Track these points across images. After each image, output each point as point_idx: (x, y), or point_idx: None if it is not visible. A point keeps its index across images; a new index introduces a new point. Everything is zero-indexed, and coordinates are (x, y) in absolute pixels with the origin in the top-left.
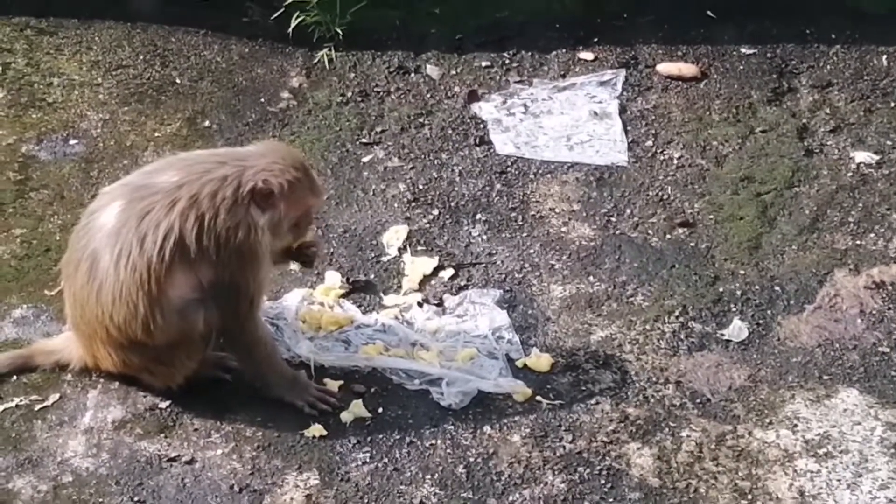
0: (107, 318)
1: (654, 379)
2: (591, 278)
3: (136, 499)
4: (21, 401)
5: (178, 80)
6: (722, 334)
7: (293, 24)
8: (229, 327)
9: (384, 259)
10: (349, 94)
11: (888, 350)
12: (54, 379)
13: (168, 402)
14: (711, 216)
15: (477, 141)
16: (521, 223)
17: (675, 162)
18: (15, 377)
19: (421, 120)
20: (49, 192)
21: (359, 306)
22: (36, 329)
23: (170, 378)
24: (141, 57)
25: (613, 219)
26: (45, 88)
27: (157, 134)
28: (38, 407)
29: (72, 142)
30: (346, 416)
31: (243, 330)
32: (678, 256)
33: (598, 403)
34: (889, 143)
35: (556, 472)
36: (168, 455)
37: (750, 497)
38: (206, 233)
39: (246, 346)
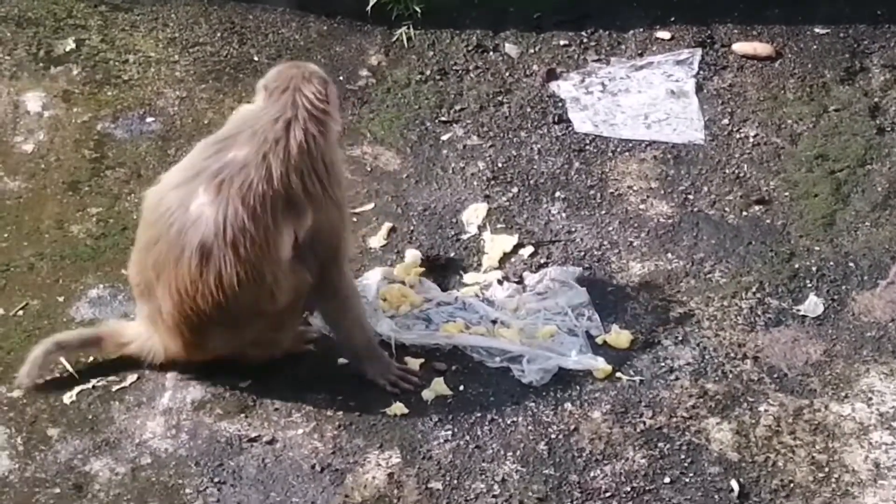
0: (231, 302)
1: (732, 354)
2: (669, 255)
3: (216, 480)
4: (98, 382)
5: (255, 58)
6: (798, 310)
7: (372, 2)
8: (328, 278)
9: (464, 237)
10: (428, 73)
11: None
12: (132, 359)
13: (248, 382)
14: (787, 193)
15: (555, 119)
16: (599, 201)
17: (751, 140)
18: (91, 357)
19: (500, 98)
20: (125, 171)
21: (439, 284)
22: (113, 309)
23: (277, 345)
24: (218, 34)
25: (691, 196)
26: (120, 66)
27: (234, 111)
28: (115, 388)
29: (148, 119)
30: (427, 394)
31: (340, 280)
32: (754, 233)
33: (677, 379)
34: None
35: (636, 448)
36: (248, 435)
37: (827, 470)
38: (306, 175)
39: (340, 303)
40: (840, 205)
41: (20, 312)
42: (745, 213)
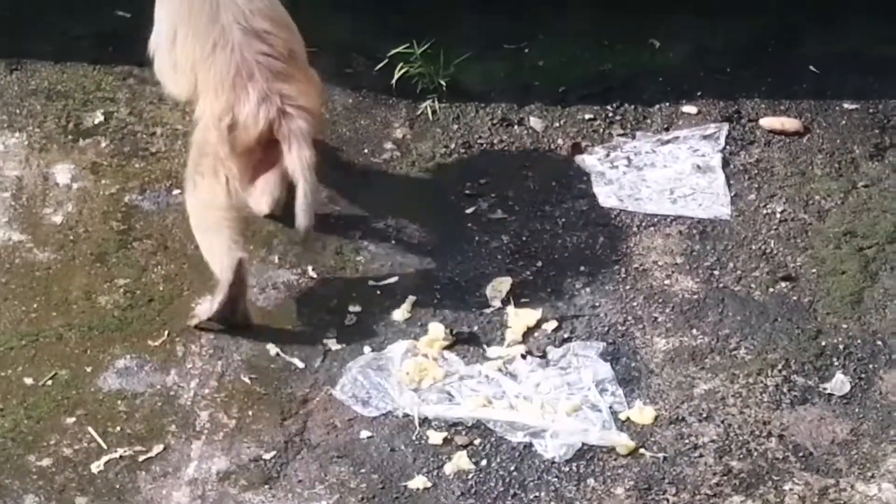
0: None
1: (758, 432)
2: (694, 331)
3: None
4: (125, 451)
5: None
6: (824, 388)
7: (397, 76)
8: None
9: (487, 311)
10: (452, 146)
11: None
12: (158, 429)
13: (272, 454)
14: (814, 270)
15: (580, 193)
16: (624, 276)
17: (778, 216)
18: (119, 427)
19: (524, 172)
20: (152, 243)
21: (462, 358)
22: (140, 379)
23: None
24: None
25: (716, 272)
26: (148, 138)
27: None
28: (142, 458)
29: (175, 192)
30: (449, 469)
31: None
32: (781, 310)
33: (701, 456)
34: None
35: None
36: None
37: None
38: None
39: None
40: (868, 282)
41: (49, 382)
42: (771, 290)
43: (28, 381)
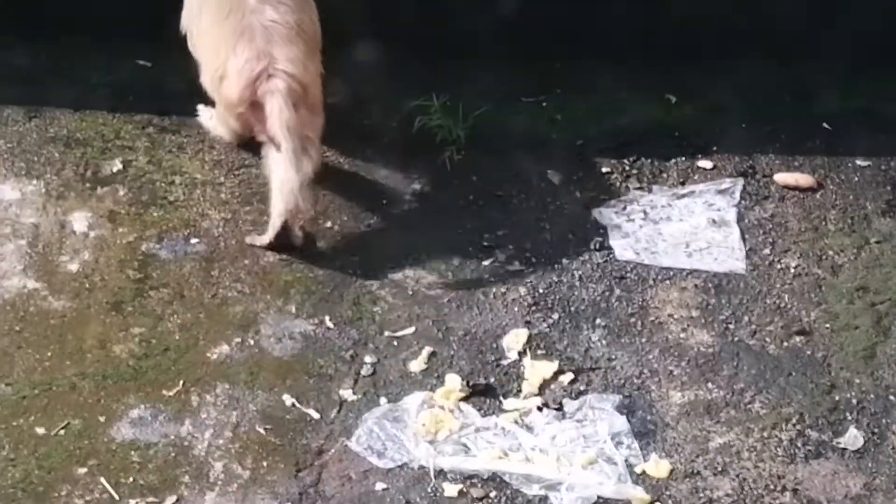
0: None
1: (772, 486)
2: (709, 385)
3: None
4: (138, 502)
5: None
6: (838, 442)
7: (416, 128)
8: None
9: (504, 363)
10: (471, 198)
11: None
12: (171, 480)
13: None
14: (827, 325)
15: (597, 246)
16: (640, 329)
17: (792, 270)
18: (131, 478)
19: (542, 224)
20: (169, 291)
21: (478, 410)
22: (153, 430)
23: None
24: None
25: (731, 326)
26: (166, 187)
27: None
28: None
29: (193, 240)
30: None
31: None
32: (795, 364)
33: None
34: None
35: None
36: None
37: None
38: None
39: None
40: (881, 337)
41: (61, 432)
42: (785, 344)
43: (40, 430)
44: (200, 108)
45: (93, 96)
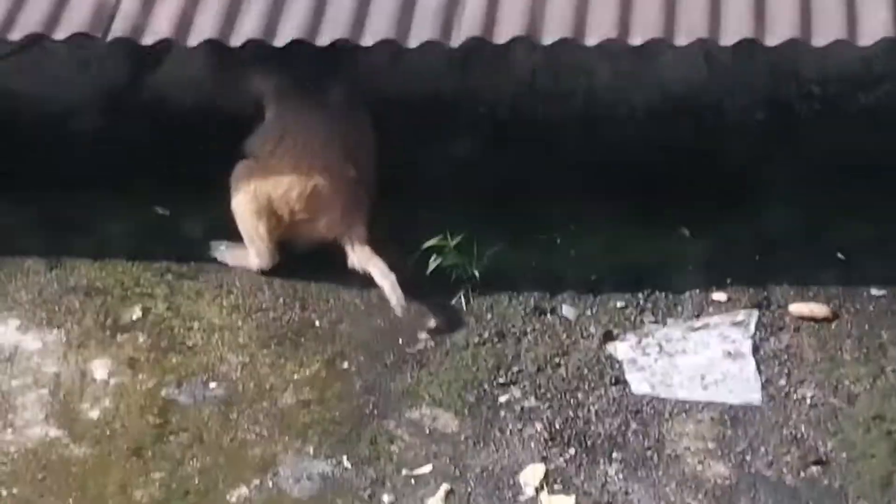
0: None
1: None
2: None
3: None
4: None
5: (317, 323)
6: None
7: (431, 267)
8: None
9: (521, 498)
10: (486, 335)
11: None
12: None
13: None
14: (844, 454)
15: (613, 380)
16: (656, 462)
17: (808, 401)
18: None
19: (557, 360)
20: (188, 436)
21: None
22: None
23: None
24: (280, 300)
25: (748, 457)
26: (185, 332)
27: (296, 376)
28: None
29: (211, 385)
30: None
31: None
32: (812, 494)
33: None
34: None
35: None
36: None
37: None
38: None
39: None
40: None
41: None
42: (802, 474)
43: None
44: (214, 244)
45: (112, 245)
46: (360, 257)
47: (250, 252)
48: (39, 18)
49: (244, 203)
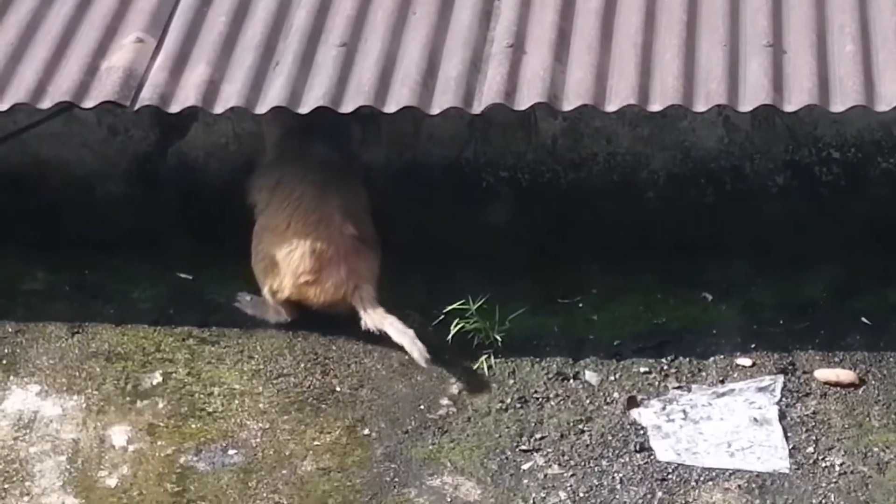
0: None
1: None
2: None
3: None
4: None
5: (338, 388)
6: None
7: (452, 332)
8: None
9: None
10: (508, 401)
11: None
12: None
13: None
14: None
15: (637, 448)
16: None
17: (837, 469)
18: None
19: (580, 426)
20: None
21: None
22: None
23: None
24: (302, 365)
25: None
26: (205, 398)
27: (316, 442)
28: None
29: (230, 451)
30: None
31: None
32: None
33: None
34: None
35: None
36: None
37: None
38: None
39: None
40: None
41: None
42: None
43: None
44: (240, 295)
45: (134, 310)
46: (374, 317)
47: (269, 308)
48: (69, 87)
49: (255, 262)
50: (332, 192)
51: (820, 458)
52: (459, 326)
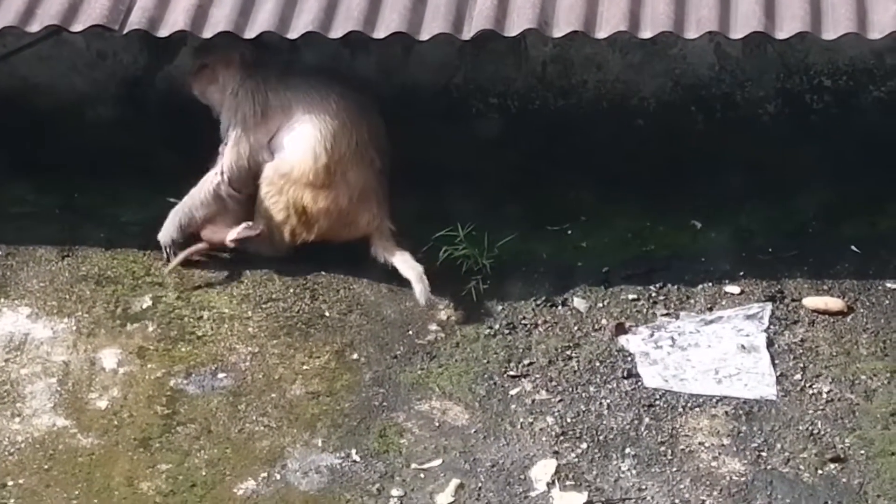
0: None
1: None
2: None
3: None
4: None
5: (327, 313)
6: None
7: (441, 258)
8: None
9: (532, 494)
10: (496, 327)
11: None
12: None
13: None
14: (862, 451)
15: (625, 374)
16: (670, 458)
17: (825, 396)
18: None
19: (568, 353)
20: (196, 427)
21: None
22: None
23: None
24: (291, 290)
25: (764, 454)
26: (194, 322)
27: (305, 367)
28: None
29: (220, 375)
30: None
31: None
32: (830, 493)
33: None
34: None
35: None
36: None
37: None
38: None
39: None
40: None
41: None
42: (820, 472)
43: None
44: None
45: (124, 235)
46: (386, 248)
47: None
48: (58, 10)
49: (274, 210)
50: (359, 127)
51: (807, 385)
52: (448, 253)
